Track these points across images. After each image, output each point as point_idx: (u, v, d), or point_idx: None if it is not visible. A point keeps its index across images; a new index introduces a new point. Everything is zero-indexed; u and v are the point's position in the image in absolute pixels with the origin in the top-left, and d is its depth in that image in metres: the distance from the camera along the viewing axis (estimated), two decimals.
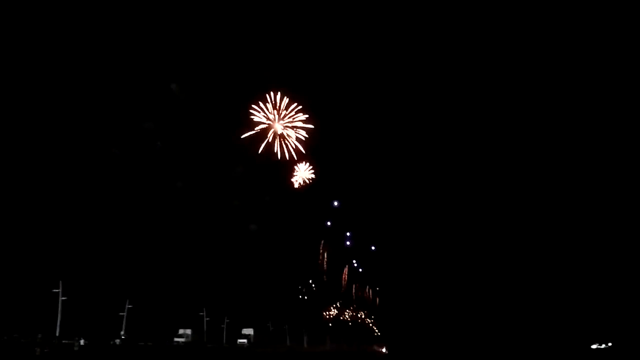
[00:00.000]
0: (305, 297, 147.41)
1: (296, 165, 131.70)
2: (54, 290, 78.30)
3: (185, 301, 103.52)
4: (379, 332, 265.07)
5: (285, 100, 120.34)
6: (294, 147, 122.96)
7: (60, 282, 78.69)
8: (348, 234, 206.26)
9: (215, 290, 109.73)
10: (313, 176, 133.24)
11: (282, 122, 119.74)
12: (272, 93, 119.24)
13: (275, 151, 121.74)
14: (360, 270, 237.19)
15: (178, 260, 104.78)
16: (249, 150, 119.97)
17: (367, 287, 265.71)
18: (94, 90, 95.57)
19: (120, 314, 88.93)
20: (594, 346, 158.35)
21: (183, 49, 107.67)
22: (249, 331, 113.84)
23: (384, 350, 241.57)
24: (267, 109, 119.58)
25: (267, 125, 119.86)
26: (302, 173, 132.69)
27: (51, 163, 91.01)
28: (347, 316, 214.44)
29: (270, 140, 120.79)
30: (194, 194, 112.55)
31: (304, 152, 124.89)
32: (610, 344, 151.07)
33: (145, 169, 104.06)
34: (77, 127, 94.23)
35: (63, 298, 78.31)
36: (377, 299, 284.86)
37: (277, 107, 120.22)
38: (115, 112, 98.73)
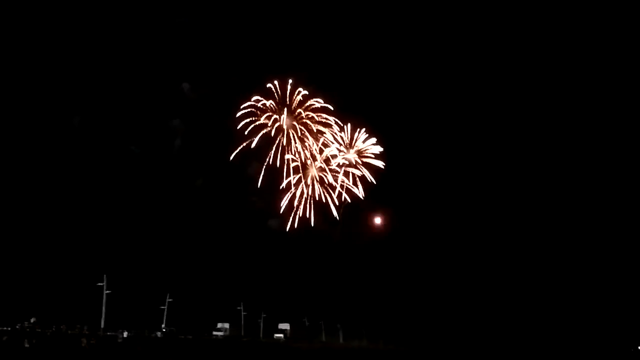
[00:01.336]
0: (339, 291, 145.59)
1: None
2: (99, 284, 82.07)
3: (223, 296, 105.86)
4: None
5: (299, 94, 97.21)
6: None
7: (105, 276, 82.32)
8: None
9: (252, 285, 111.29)
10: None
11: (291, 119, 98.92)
12: (276, 82, 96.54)
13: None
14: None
15: (217, 255, 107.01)
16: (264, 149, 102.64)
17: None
18: (115, 93, 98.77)
19: (161, 307, 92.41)
20: None
21: (197, 50, 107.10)
22: (285, 326, 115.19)
23: None
24: (273, 103, 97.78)
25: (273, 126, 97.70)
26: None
27: (95, 165, 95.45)
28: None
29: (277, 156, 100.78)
30: (221, 191, 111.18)
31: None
32: None
33: (171, 168, 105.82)
34: (115, 131, 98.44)
35: (107, 291, 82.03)
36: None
37: (287, 100, 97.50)
38: (139, 113, 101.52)
